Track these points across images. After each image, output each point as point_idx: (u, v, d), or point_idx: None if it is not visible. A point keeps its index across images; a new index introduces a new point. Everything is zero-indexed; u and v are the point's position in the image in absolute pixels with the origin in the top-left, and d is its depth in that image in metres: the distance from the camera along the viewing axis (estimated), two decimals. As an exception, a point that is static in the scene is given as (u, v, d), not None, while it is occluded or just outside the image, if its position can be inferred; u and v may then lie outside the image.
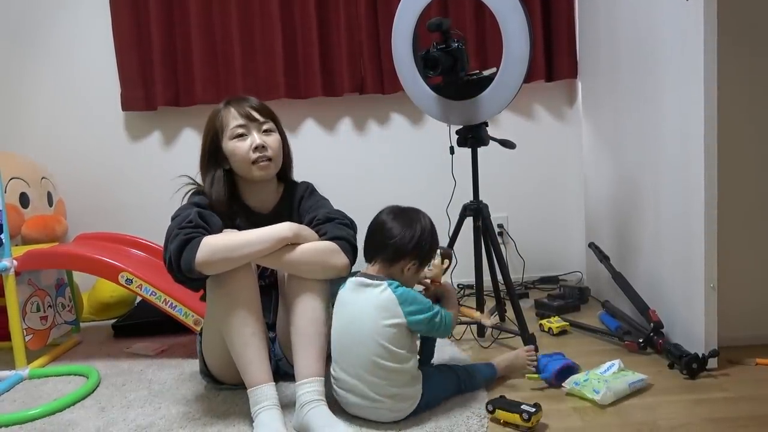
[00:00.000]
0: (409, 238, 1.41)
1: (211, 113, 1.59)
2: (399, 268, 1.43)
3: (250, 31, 2.53)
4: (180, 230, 1.39)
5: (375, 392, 1.35)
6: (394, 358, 1.34)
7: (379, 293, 1.37)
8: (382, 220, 1.45)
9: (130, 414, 1.53)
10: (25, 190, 2.34)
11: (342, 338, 1.40)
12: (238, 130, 1.53)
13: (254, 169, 1.53)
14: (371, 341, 1.34)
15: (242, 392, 1.42)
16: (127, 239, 2.26)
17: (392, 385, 1.35)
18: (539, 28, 2.50)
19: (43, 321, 2.01)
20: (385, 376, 1.34)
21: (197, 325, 1.85)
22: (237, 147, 1.52)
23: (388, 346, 1.34)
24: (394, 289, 1.37)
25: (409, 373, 1.38)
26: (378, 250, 1.44)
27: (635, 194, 2.00)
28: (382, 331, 1.34)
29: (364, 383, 1.35)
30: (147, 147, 2.69)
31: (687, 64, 1.58)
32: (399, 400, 1.37)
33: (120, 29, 2.53)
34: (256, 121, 1.54)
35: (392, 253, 1.42)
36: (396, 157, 2.69)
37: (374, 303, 1.37)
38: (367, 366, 1.35)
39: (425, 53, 1.78)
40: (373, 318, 1.35)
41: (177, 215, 1.47)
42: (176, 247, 1.37)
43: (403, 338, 1.36)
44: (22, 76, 2.64)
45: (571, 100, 2.68)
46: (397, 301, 1.36)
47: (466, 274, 2.37)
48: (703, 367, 1.57)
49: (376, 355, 1.34)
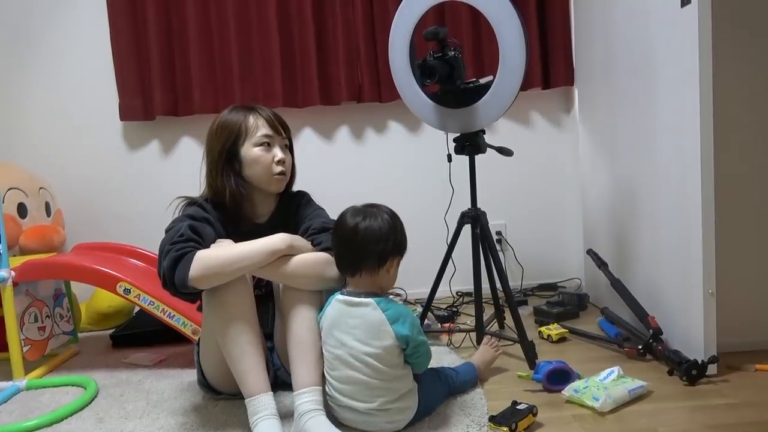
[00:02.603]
0: (387, 232, 1.37)
1: (229, 117, 1.55)
2: (385, 270, 1.38)
3: (248, 40, 2.54)
4: (171, 246, 1.38)
5: (369, 409, 1.34)
6: (386, 377, 1.34)
7: (368, 313, 1.34)
8: (352, 226, 1.37)
9: (128, 425, 1.52)
10: (23, 201, 2.34)
11: (332, 359, 1.38)
12: (265, 139, 1.53)
13: (273, 180, 1.55)
14: (362, 364, 1.34)
15: (240, 402, 1.41)
16: (125, 249, 2.26)
17: (386, 403, 1.34)
18: (535, 35, 2.51)
19: (41, 331, 2.00)
20: (379, 394, 1.34)
21: (195, 335, 1.85)
22: (262, 156, 1.53)
23: (380, 367, 1.33)
24: (383, 308, 1.34)
25: (403, 388, 1.36)
26: (361, 259, 1.36)
27: (633, 200, 2.00)
28: (373, 354, 1.33)
29: (358, 401, 1.35)
30: (145, 157, 2.69)
31: (683, 71, 1.59)
32: (395, 413, 1.36)
33: (118, 39, 2.54)
34: (281, 135, 1.57)
35: (377, 257, 1.36)
36: (394, 166, 2.70)
37: (363, 326, 1.34)
38: (359, 386, 1.35)
39: (422, 62, 1.79)
40: (363, 342, 1.34)
41: (170, 228, 1.47)
42: (169, 264, 1.36)
43: (394, 357, 1.34)
44: (20, 85, 2.65)
45: (568, 107, 2.69)
46: (387, 321, 1.33)
47: (464, 281, 2.37)
48: (703, 374, 1.57)
49: (368, 377, 1.33)
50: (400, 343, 1.33)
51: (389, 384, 1.34)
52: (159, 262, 1.41)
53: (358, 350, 1.34)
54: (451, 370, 1.58)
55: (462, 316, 2.36)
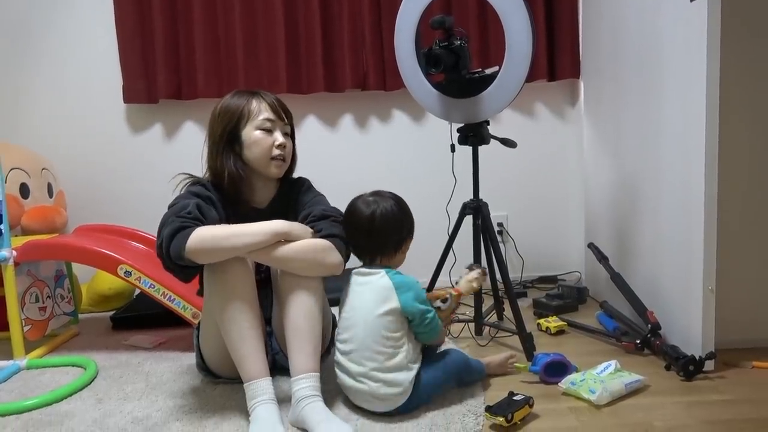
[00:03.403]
0: (401, 218, 1.49)
1: (234, 99, 1.56)
2: (401, 252, 1.51)
3: (253, 25, 2.53)
4: (177, 218, 1.40)
5: (360, 374, 1.39)
6: (383, 341, 1.38)
7: (377, 280, 1.43)
8: (368, 215, 1.46)
9: (127, 406, 1.54)
10: (25, 181, 2.34)
11: (344, 323, 1.45)
12: (266, 123, 1.54)
13: (272, 164, 1.55)
14: (369, 326, 1.39)
15: (239, 386, 1.42)
16: (126, 231, 2.26)
17: (376, 370, 1.37)
18: (542, 26, 2.50)
19: (42, 312, 2.01)
20: (370, 357, 1.38)
21: (195, 319, 1.85)
22: (262, 139, 1.53)
23: (380, 330, 1.39)
24: (391, 276, 1.43)
25: (397, 360, 1.39)
26: (381, 246, 1.48)
27: (635, 195, 2.00)
28: (377, 314, 1.39)
29: (353, 363, 1.40)
30: (148, 140, 2.69)
31: (690, 66, 1.58)
32: (383, 386, 1.37)
33: (123, 21, 2.53)
34: (283, 120, 1.58)
35: (395, 243, 1.49)
36: (397, 155, 2.69)
37: (372, 291, 1.43)
38: (356, 344, 1.40)
39: (428, 50, 1.78)
40: (370, 306, 1.41)
41: (174, 203, 1.47)
42: (169, 232, 1.37)
43: (397, 323, 1.40)
44: (24, 66, 2.64)
45: (573, 100, 2.68)
46: (393, 287, 1.41)
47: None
48: (700, 369, 1.57)
49: (367, 336, 1.39)
50: (404, 310, 1.40)
51: (384, 348, 1.38)
52: (159, 232, 1.41)
53: (364, 311, 1.41)
54: (463, 361, 1.55)
55: (461, 306, 2.36)
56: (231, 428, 1.38)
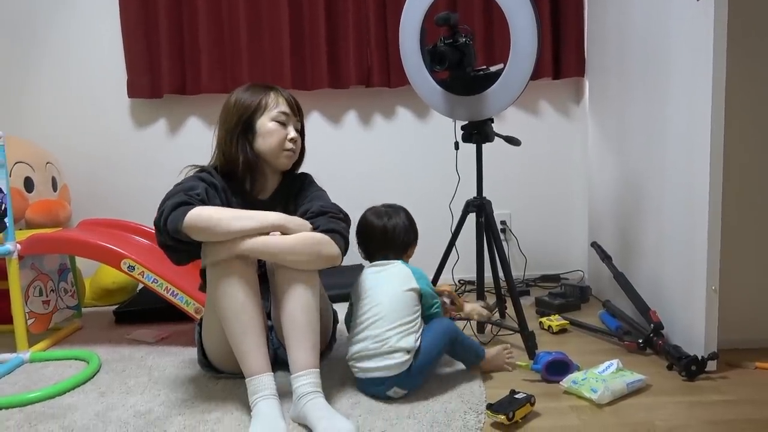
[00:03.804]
0: (407, 228, 1.67)
1: (251, 89, 1.60)
2: (407, 257, 1.68)
3: (257, 21, 2.53)
4: (183, 194, 1.42)
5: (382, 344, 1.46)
6: (408, 318, 1.49)
7: (394, 267, 1.60)
8: (381, 226, 1.65)
9: (129, 400, 1.54)
10: (29, 175, 2.35)
11: (366, 304, 1.53)
12: (282, 116, 1.58)
13: (282, 155, 1.59)
14: (394, 301, 1.51)
15: (241, 381, 1.43)
16: (130, 226, 2.27)
17: (400, 333, 1.46)
18: (547, 24, 2.49)
19: (46, 305, 2.02)
20: (401, 332, 1.47)
21: (198, 314, 1.86)
22: (276, 130, 1.57)
23: (406, 307, 1.51)
24: (407, 266, 1.61)
25: (414, 327, 1.50)
26: (389, 250, 1.65)
27: (639, 195, 1.99)
28: (404, 293, 1.53)
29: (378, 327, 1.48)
30: (152, 135, 2.69)
31: (696, 66, 1.58)
32: (391, 346, 1.45)
33: (127, 15, 2.53)
34: (296, 116, 1.63)
35: (401, 248, 1.66)
36: (400, 152, 2.69)
37: (392, 274, 1.58)
38: (387, 321, 1.48)
39: (432, 48, 1.78)
40: (394, 283, 1.55)
41: (182, 182, 1.50)
42: (172, 204, 1.39)
43: (412, 303, 1.53)
44: (28, 61, 2.65)
45: (578, 98, 2.67)
46: (412, 274, 1.57)
47: (467, 270, 2.38)
48: (702, 370, 1.57)
49: (398, 314, 1.49)
50: (422, 291, 1.56)
51: (404, 323, 1.48)
52: (161, 203, 1.43)
53: (389, 288, 1.53)
54: (462, 333, 1.60)
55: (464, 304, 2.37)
56: (233, 423, 1.39)
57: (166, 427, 1.38)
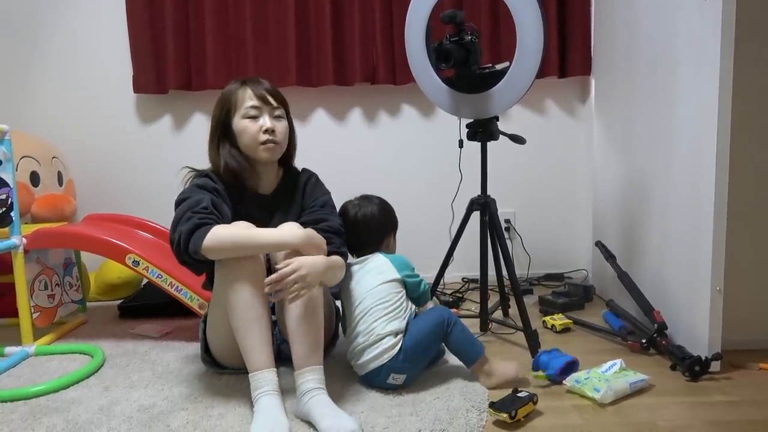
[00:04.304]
0: (381, 216, 1.69)
1: (225, 90, 1.61)
2: (385, 245, 1.70)
3: (263, 17, 2.53)
4: (194, 214, 1.42)
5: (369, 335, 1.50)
6: (391, 307, 1.53)
7: (373, 259, 1.63)
8: (352, 216, 1.68)
9: (133, 394, 1.55)
10: (35, 169, 2.36)
11: (351, 303, 1.58)
12: (251, 111, 1.56)
13: (261, 150, 1.57)
14: (373, 295, 1.55)
15: (244, 377, 1.43)
16: (135, 221, 2.28)
17: (385, 320, 1.50)
18: (554, 23, 2.48)
19: (51, 299, 2.03)
20: (379, 316, 1.51)
21: (202, 309, 1.87)
22: (248, 126, 1.56)
23: (386, 298, 1.54)
24: (384, 255, 1.64)
25: (399, 313, 1.54)
26: (368, 242, 1.68)
27: (644, 194, 1.99)
28: (381, 285, 1.56)
29: (365, 321, 1.52)
30: (157, 130, 2.70)
31: (703, 66, 1.57)
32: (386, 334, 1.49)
33: (134, 11, 2.54)
34: (270, 105, 1.58)
35: (378, 238, 1.69)
36: (405, 149, 2.69)
37: (370, 269, 1.61)
38: (370, 314, 1.52)
39: (438, 45, 1.77)
40: (371, 278, 1.58)
41: (186, 197, 1.49)
42: (188, 229, 1.40)
43: (395, 291, 1.57)
44: (34, 56, 2.65)
45: (584, 97, 2.66)
46: (390, 263, 1.61)
47: (471, 268, 2.38)
48: (706, 370, 1.57)
49: (378, 306, 1.53)
50: (404, 279, 1.60)
51: (387, 313, 1.52)
52: (174, 226, 1.44)
53: (367, 283, 1.57)
54: (456, 319, 1.55)
55: (467, 302, 2.37)
56: (236, 418, 1.39)
57: (170, 421, 1.39)
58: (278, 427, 1.28)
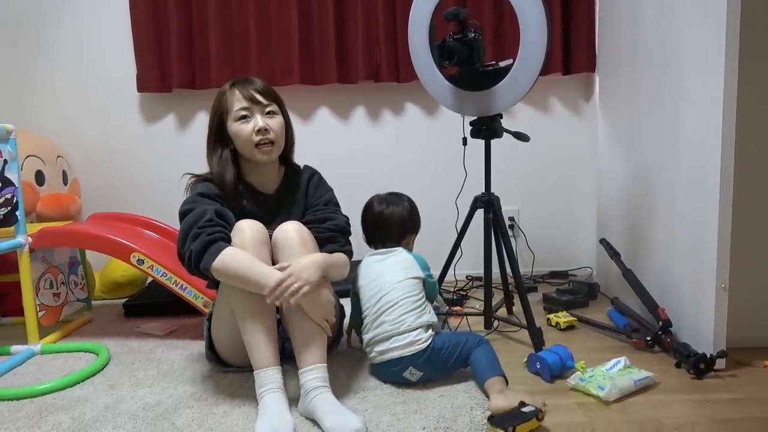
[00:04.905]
0: (407, 217, 1.74)
1: (217, 94, 1.60)
2: (404, 243, 1.74)
3: (266, 15, 2.53)
4: (200, 230, 1.42)
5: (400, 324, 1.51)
6: (416, 303, 1.55)
7: (397, 254, 1.66)
8: (378, 211, 1.73)
9: (138, 392, 1.56)
10: (40, 168, 2.37)
11: (370, 293, 1.59)
12: (241, 113, 1.55)
13: (257, 152, 1.56)
14: (399, 288, 1.56)
15: (249, 374, 1.44)
16: (139, 220, 2.29)
17: (415, 313, 1.52)
18: (558, 19, 2.47)
19: (56, 298, 2.04)
20: (409, 309, 1.53)
21: (206, 307, 1.87)
22: (241, 129, 1.55)
23: (412, 293, 1.57)
24: (408, 253, 1.67)
25: (426, 308, 1.57)
26: (387, 236, 1.73)
27: (649, 191, 1.98)
28: (407, 279, 1.59)
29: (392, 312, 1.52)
30: (161, 129, 2.70)
31: (707, 63, 1.56)
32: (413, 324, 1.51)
33: (137, 10, 2.54)
34: (260, 103, 1.56)
35: (397, 236, 1.73)
36: (408, 147, 2.69)
37: (394, 262, 1.63)
38: (396, 306, 1.53)
39: (441, 43, 1.77)
40: (397, 271, 1.60)
41: (189, 209, 1.48)
42: (199, 247, 1.41)
43: (418, 288, 1.60)
44: (38, 55, 2.66)
45: (588, 95, 2.65)
46: (415, 261, 1.64)
47: (475, 266, 2.38)
48: (711, 368, 1.56)
49: (404, 299, 1.54)
50: (426, 278, 1.64)
51: (412, 308, 1.53)
52: (184, 241, 1.44)
53: (391, 275, 1.59)
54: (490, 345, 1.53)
55: (471, 300, 2.37)
56: (241, 416, 1.40)
57: (175, 419, 1.39)
58: (282, 424, 1.28)
